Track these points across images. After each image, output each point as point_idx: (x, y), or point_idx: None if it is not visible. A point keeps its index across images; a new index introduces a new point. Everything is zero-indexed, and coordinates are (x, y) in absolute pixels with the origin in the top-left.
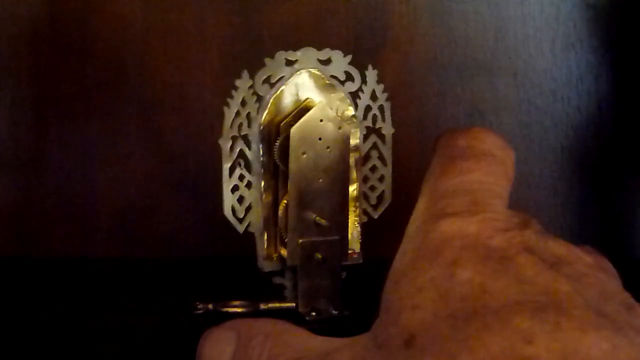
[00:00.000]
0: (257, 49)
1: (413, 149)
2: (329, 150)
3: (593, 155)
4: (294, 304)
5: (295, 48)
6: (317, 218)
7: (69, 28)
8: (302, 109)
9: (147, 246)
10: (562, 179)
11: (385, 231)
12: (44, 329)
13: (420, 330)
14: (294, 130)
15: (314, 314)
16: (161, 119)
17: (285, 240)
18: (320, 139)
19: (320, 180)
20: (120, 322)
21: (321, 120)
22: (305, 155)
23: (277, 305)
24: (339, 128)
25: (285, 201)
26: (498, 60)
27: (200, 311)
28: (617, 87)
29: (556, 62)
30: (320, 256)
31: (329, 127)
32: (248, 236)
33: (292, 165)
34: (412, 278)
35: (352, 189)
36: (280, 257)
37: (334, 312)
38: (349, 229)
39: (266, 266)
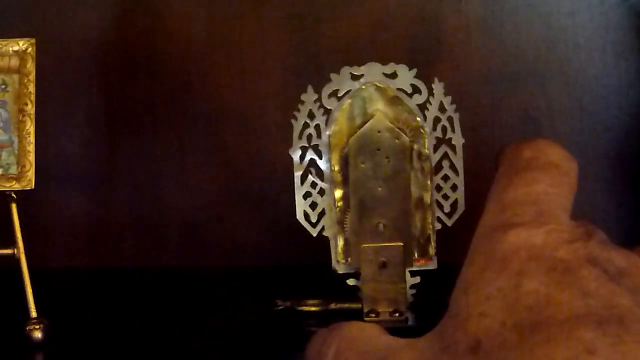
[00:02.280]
0: (315, 63)
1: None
2: (387, 160)
3: None
4: (360, 305)
5: (352, 62)
6: (379, 224)
7: (136, 48)
8: (368, 121)
9: (215, 255)
10: (615, 184)
11: (460, 238)
12: (121, 338)
13: (486, 337)
14: (352, 140)
15: (373, 315)
16: (226, 133)
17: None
18: (378, 149)
19: (380, 188)
20: (195, 327)
21: (379, 132)
22: (364, 165)
23: (346, 305)
24: (397, 139)
25: None
26: (550, 69)
27: (280, 307)
28: None
29: (607, 70)
30: (382, 261)
31: (387, 138)
32: (319, 242)
33: (352, 174)
34: (480, 287)
35: (426, 197)
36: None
37: (395, 314)
38: (422, 235)
39: (340, 268)
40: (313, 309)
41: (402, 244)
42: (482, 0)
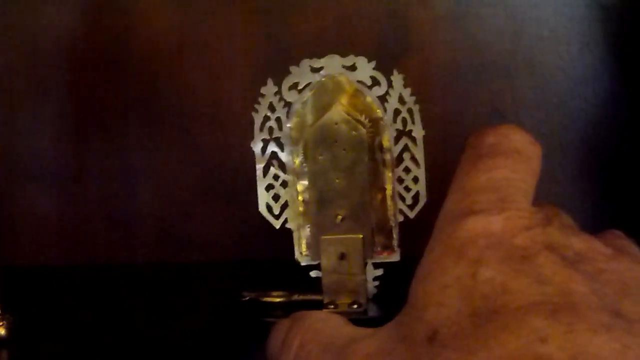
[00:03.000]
0: (283, 58)
1: (439, 150)
2: (345, 152)
3: (611, 151)
4: (321, 296)
5: (320, 56)
6: (337, 216)
7: (106, 45)
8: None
9: (186, 251)
10: (581, 175)
11: (424, 230)
12: (89, 335)
13: (443, 327)
14: (309, 132)
15: (332, 306)
16: (195, 129)
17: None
18: (336, 141)
19: (338, 180)
20: (163, 324)
21: (336, 124)
22: (322, 157)
23: (308, 297)
24: (355, 131)
25: None
26: (515, 61)
27: (246, 298)
28: (632, 84)
29: (572, 62)
30: (341, 252)
31: (344, 130)
32: (284, 235)
33: (310, 166)
34: (438, 275)
35: (387, 189)
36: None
37: (354, 306)
38: (384, 227)
39: (303, 260)
40: (277, 300)
41: (361, 235)
42: None
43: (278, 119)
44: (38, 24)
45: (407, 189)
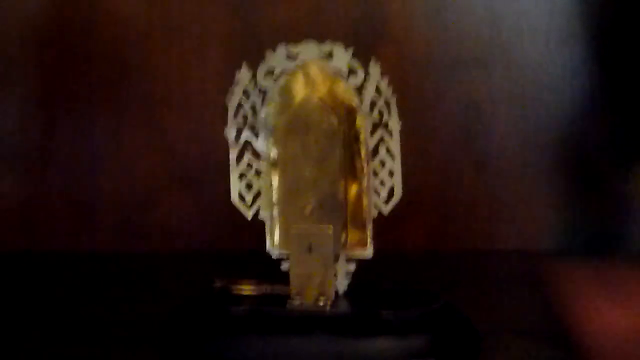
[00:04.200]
0: (256, 45)
1: (412, 143)
2: (316, 141)
3: (587, 146)
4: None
5: (294, 43)
6: (307, 207)
7: (74, 28)
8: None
9: (150, 240)
10: (557, 170)
11: (397, 226)
12: (50, 322)
13: None
14: (281, 120)
15: (298, 300)
16: (164, 116)
17: None
18: (307, 130)
19: (309, 170)
20: (126, 312)
21: (309, 112)
22: (292, 146)
23: (277, 289)
24: (327, 120)
25: None
26: (493, 54)
27: (217, 286)
28: (610, 80)
29: (551, 56)
30: (309, 244)
31: (317, 119)
32: (255, 225)
33: (281, 154)
34: None
35: (362, 182)
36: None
37: (320, 299)
38: (357, 221)
39: (274, 252)
40: (246, 291)
41: (330, 229)
42: None
43: (252, 106)
44: (2, 5)
45: (382, 183)
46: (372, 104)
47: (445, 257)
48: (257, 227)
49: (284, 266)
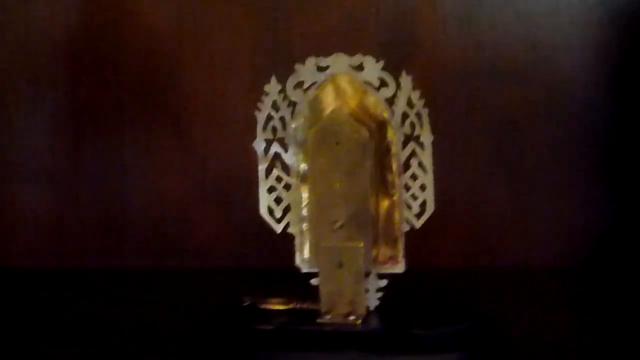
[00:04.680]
0: (288, 59)
1: (445, 158)
2: (346, 154)
3: (623, 161)
4: (319, 306)
5: (325, 55)
6: (336, 222)
7: (103, 41)
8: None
9: (180, 257)
10: (595, 183)
11: (430, 241)
12: (81, 337)
13: None
14: (311, 133)
15: (328, 317)
16: (194, 130)
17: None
18: (337, 143)
19: (339, 184)
20: (155, 327)
21: (338, 125)
22: (322, 159)
23: (306, 306)
24: (357, 133)
25: None
26: (528, 68)
27: (246, 303)
28: None
29: (587, 70)
30: (339, 261)
31: (346, 131)
32: (284, 241)
33: (311, 168)
34: None
35: (394, 196)
36: None
37: (350, 317)
38: (388, 236)
39: (303, 267)
40: (275, 307)
41: (361, 244)
42: None
43: (282, 119)
44: (32, 22)
45: (414, 197)
46: (404, 117)
47: (479, 274)
48: (288, 244)
49: (314, 281)
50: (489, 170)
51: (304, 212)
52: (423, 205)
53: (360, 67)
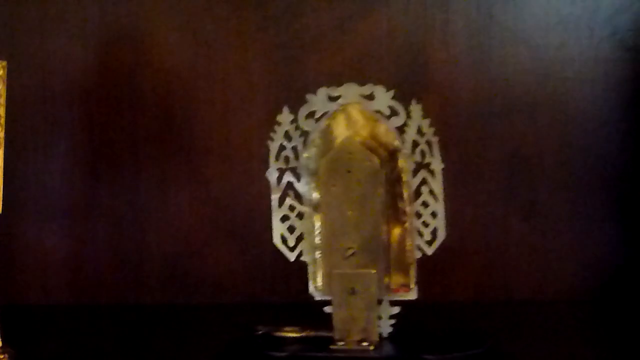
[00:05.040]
0: (302, 96)
1: (458, 192)
2: (358, 182)
3: (636, 195)
4: (332, 334)
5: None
6: (348, 250)
7: (119, 80)
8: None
9: (196, 292)
10: (606, 217)
11: (441, 267)
12: None
13: None
14: (323, 162)
15: (342, 343)
16: (209, 167)
17: None
18: (349, 171)
19: (351, 212)
20: None
21: (350, 153)
22: (334, 187)
23: (319, 333)
24: (368, 161)
25: None
26: (539, 102)
27: (259, 332)
28: None
29: (597, 103)
30: (352, 288)
31: (358, 160)
32: (298, 274)
33: (322, 197)
34: None
35: (405, 224)
36: None
37: (363, 344)
38: (400, 264)
39: (317, 295)
40: (289, 335)
41: (374, 271)
42: (468, 33)
43: (294, 148)
44: (50, 60)
45: (425, 224)
46: (414, 145)
47: (492, 307)
48: (302, 277)
49: (327, 309)
50: (503, 204)
51: (317, 240)
52: (434, 232)
53: (370, 97)
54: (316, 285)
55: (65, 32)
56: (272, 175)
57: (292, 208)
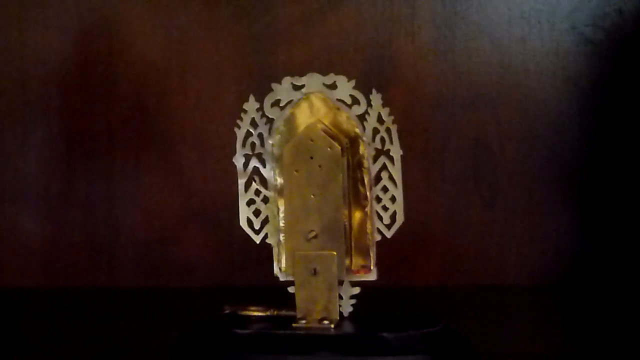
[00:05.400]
0: (270, 86)
1: (422, 180)
2: (320, 168)
3: (594, 184)
4: (295, 313)
5: None
6: (311, 232)
7: (94, 69)
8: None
9: (167, 276)
10: (564, 208)
11: (400, 250)
12: (75, 354)
13: None
14: (286, 148)
15: (304, 322)
16: (181, 155)
17: None
18: (311, 157)
19: (313, 196)
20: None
21: (312, 140)
22: (297, 173)
23: (283, 312)
24: (330, 148)
25: None
26: (502, 94)
27: (226, 312)
28: (615, 118)
29: (557, 95)
30: (314, 269)
31: (320, 146)
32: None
33: (286, 182)
34: None
35: (365, 208)
36: None
37: (324, 322)
38: (361, 246)
39: (281, 276)
40: (254, 314)
41: (334, 252)
42: (434, 26)
43: (260, 135)
44: (26, 48)
45: (385, 208)
46: (375, 132)
47: (454, 290)
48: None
49: (291, 289)
50: (466, 192)
51: (281, 223)
52: (393, 216)
53: (333, 86)
54: (280, 266)
55: (42, 22)
56: (238, 161)
57: (257, 192)
